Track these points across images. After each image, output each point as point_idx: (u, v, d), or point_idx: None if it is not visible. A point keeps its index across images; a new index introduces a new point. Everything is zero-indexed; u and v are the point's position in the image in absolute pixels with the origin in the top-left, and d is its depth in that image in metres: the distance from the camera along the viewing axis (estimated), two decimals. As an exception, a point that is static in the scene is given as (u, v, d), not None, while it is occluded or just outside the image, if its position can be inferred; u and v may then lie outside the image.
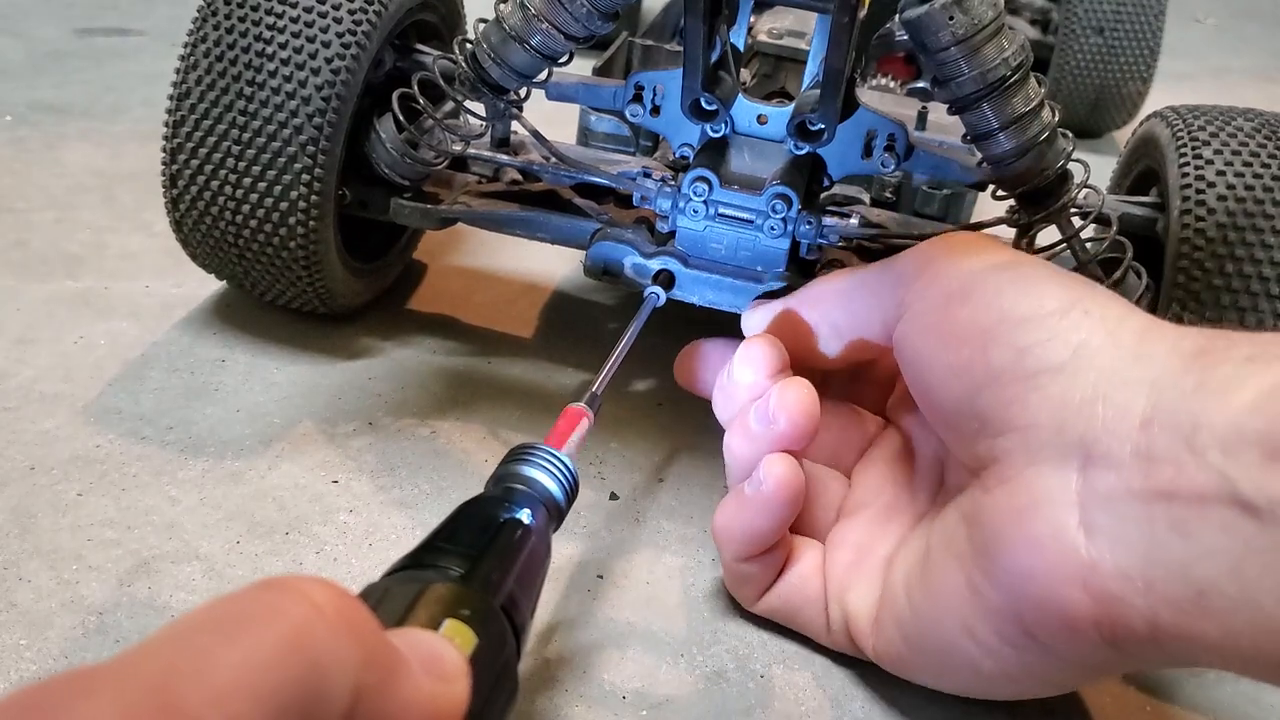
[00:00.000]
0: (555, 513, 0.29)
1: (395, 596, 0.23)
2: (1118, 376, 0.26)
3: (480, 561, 0.25)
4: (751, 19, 0.61)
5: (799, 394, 0.34)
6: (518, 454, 0.30)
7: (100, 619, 0.33)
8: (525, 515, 0.28)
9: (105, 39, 0.89)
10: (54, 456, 0.40)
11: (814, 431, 0.34)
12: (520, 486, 0.29)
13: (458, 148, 0.45)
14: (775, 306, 0.37)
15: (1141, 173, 0.48)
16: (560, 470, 0.30)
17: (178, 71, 0.43)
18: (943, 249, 0.32)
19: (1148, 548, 0.24)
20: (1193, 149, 0.42)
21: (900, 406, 0.38)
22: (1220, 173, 0.41)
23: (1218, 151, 0.41)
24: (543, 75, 0.41)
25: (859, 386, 0.39)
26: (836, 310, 0.35)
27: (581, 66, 0.46)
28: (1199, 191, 0.40)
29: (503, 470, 0.30)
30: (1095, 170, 0.40)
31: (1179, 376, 0.25)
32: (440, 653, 0.21)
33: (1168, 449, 0.24)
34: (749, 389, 0.35)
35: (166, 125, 0.44)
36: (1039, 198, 0.38)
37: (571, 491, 0.30)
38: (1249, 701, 0.36)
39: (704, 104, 0.38)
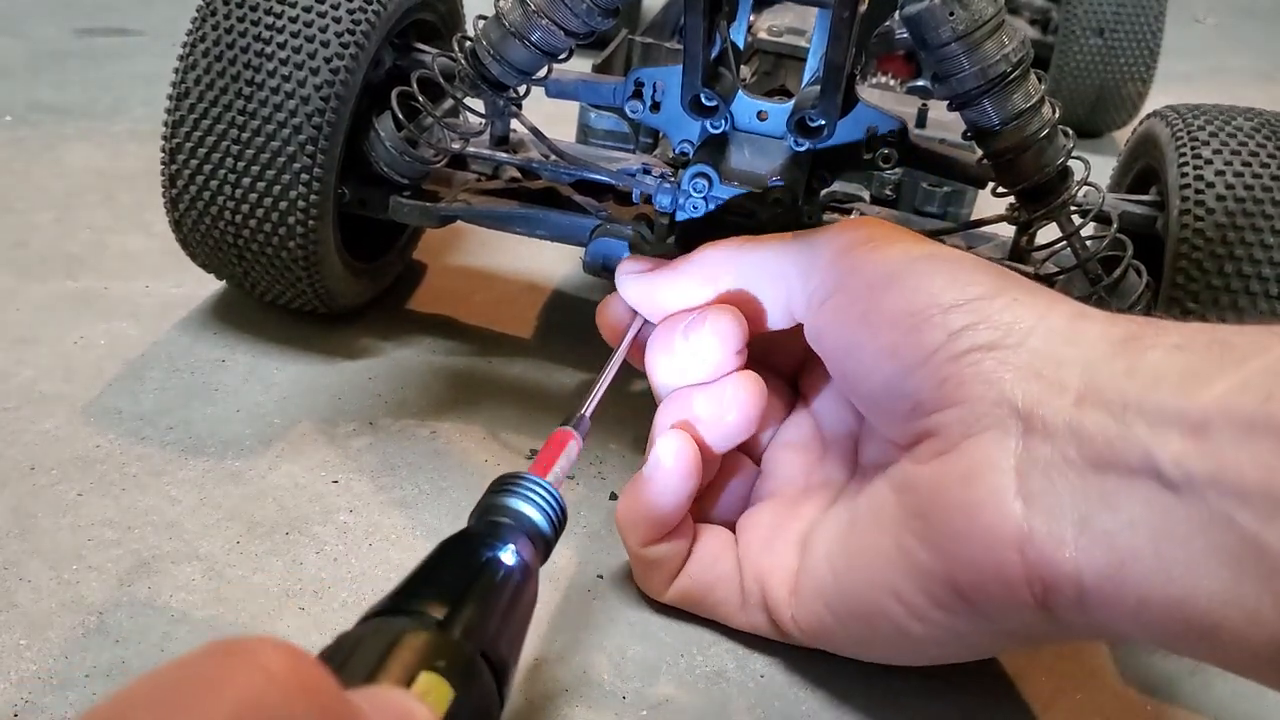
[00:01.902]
0: (542, 546, 0.28)
1: (367, 648, 0.22)
2: (1051, 356, 0.27)
3: (460, 605, 0.24)
4: (752, 17, 0.61)
5: (754, 390, 0.34)
6: (501, 484, 0.29)
7: (100, 619, 0.33)
8: (509, 553, 0.27)
9: (105, 39, 0.89)
10: (54, 456, 0.40)
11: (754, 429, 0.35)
12: (504, 520, 0.28)
13: (457, 146, 0.45)
14: (665, 276, 0.36)
15: (1141, 171, 0.48)
16: (546, 501, 0.29)
17: (176, 71, 0.43)
18: (862, 237, 0.32)
19: (1079, 516, 0.26)
20: (1192, 148, 0.42)
21: (808, 388, 0.38)
22: (1219, 172, 0.41)
23: (1217, 151, 0.41)
24: (542, 72, 0.41)
25: (756, 367, 0.38)
26: (733, 285, 0.35)
27: (582, 65, 0.46)
28: (1198, 191, 0.40)
29: (485, 502, 0.29)
30: (1095, 169, 0.40)
31: (1110, 360, 0.27)
32: (409, 714, 0.20)
33: (1099, 425, 0.26)
34: (710, 365, 0.35)
35: (165, 125, 0.44)
36: (1039, 195, 0.38)
37: (559, 522, 0.29)
38: (1247, 700, 0.36)
39: (704, 100, 0.38)
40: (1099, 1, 0.88)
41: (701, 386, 0.35)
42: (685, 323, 0.35)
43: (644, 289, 0.37)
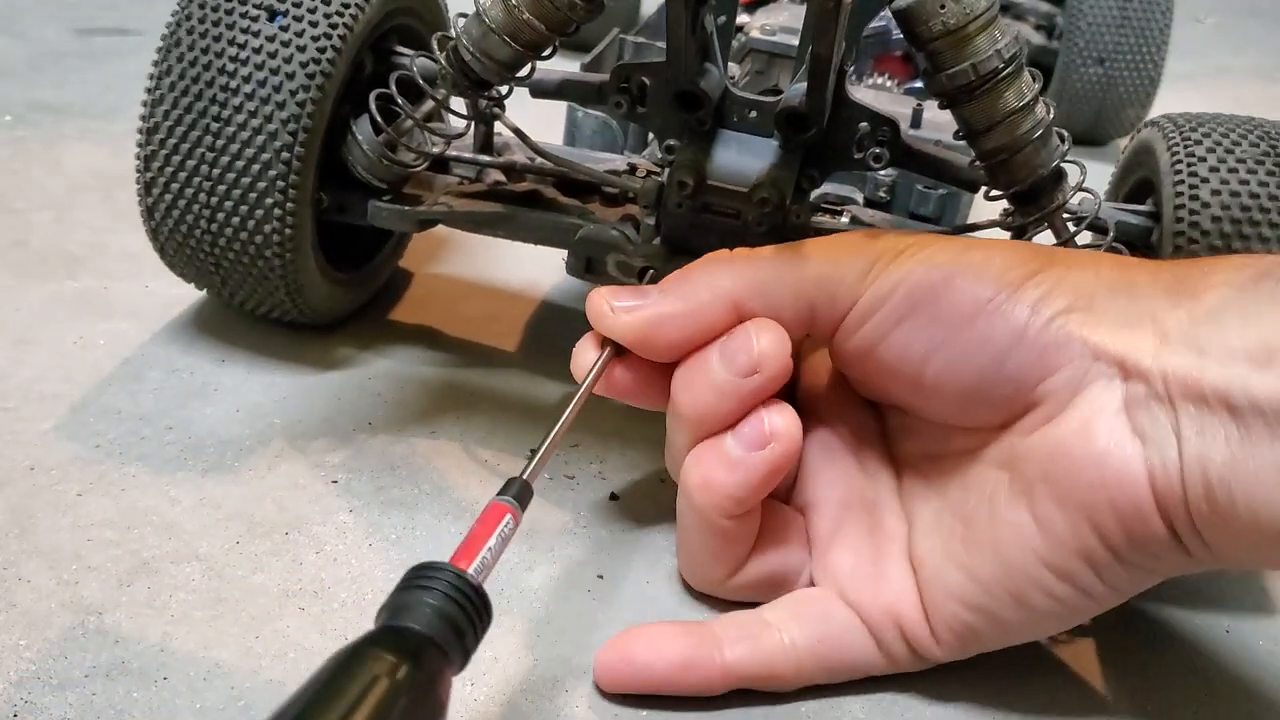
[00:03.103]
0: (455, 652, 0.24)
1: None
2: (1120, 310, 0.30)
3: None
4: (745, 16, 0.61)
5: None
6: (410, 578, 0.25)
7: (100, 619, 0.34)
8: (402, 670, 0.22)
9: (104, 39, 0.89)
10: (53, 456, 0.40)
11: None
12: (406, 624, 0.24)
13: (437, 149, 0.45)
14: (671, 303, 0.33)
15: (1138, 181, 0.48)
16: (460, 598, 0.25)
17: (151, 78, 0.43)
18: (886, 249, 0.32)
19: (1183, 447, 0.28)
20: (1188, 165, 0.41)
21: (812, 402, 0.37)
22: (1215, 192, 0.40)
23: (1213, 169, 0.41)
24: (526, 70, 0.40)
25: None
26: (753, 304, 0.32)
27: (570, 66, 0.46)
28: (1193, 213, 0.40)
29: (391, 600, 0.25)
30: (1093, 177, 0.40)
31: (1172, 308, 0.29)
32: None
33: (1181, 365, 0.28)
34: (762, 389, 0.32)
35: (140, 132, 0.43)
36: (1033, 197, 0.38)
37: (477, 622, 0.25)
38: (1249, 700, 0.36)
39: (689, 96, 0.38)
40: (1101, 31, 0.88)
41: (737, 425, 0.33)
42: (723, 345, 0.32)
43: (644, 323, 0.33)
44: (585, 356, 0.35)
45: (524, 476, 0.30)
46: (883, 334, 0.32)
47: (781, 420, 0.32)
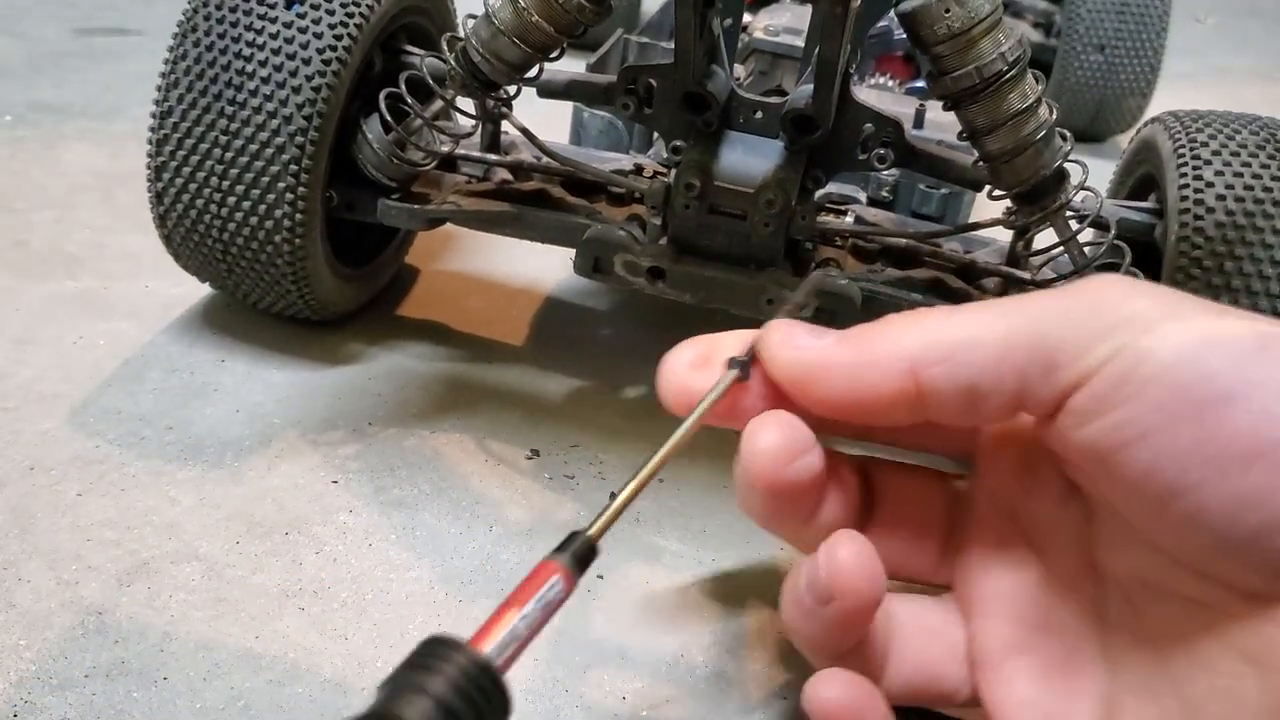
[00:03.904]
0: None
1: None
2: None
3: None
4: (749, 17, 0.61)
5: (853, 552, 0.26)
6: (420, 653, 0.21)
7: (100, 619, 0.33)
8: None
9: (104, 39, 0.89)
10: (53, 456, 0.40)
11: (879, 598, 0.26)
12: (397, 713, 0.20)
13: (446, 148, 0.45)
14: (847, 355, 0.26)
15: (1141, 177, 0.48)
16: (471, 689, 0.21)
17: (159, 89, 0.43)
18: (1138, 315, 0.23)
19: None
20: (1193, 167, 0.41)
21: (1002, 470, 0.28)
22: (1220, 196, 0.40)
23: (1219, 173, 0.40)
24: (534, 71, 0.41)
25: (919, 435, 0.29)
26: (941, 377, 0.25)
27: (576, 66, 0.46)
28: (1197, 217, 0.40)
29: (392, 676, 0.21)
30: (1096, 174, 0.40)
31: None
32: None
33: None
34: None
35: (150, 142, 0.44)
36: (1035, 197, 0.38)
37: (486, 715, 0.21)
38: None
39: (696, 98, 0.38)
40: (1100, 18, 0.89)
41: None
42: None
43: (808, 365, 0.26)
44: (692, 377, 0.28)
45: (588, 533, 0.24)
46: (1122, 440, 0.23)
47: (846, 566, 0.26)
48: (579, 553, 0.23)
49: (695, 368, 0.28)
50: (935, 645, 0.28)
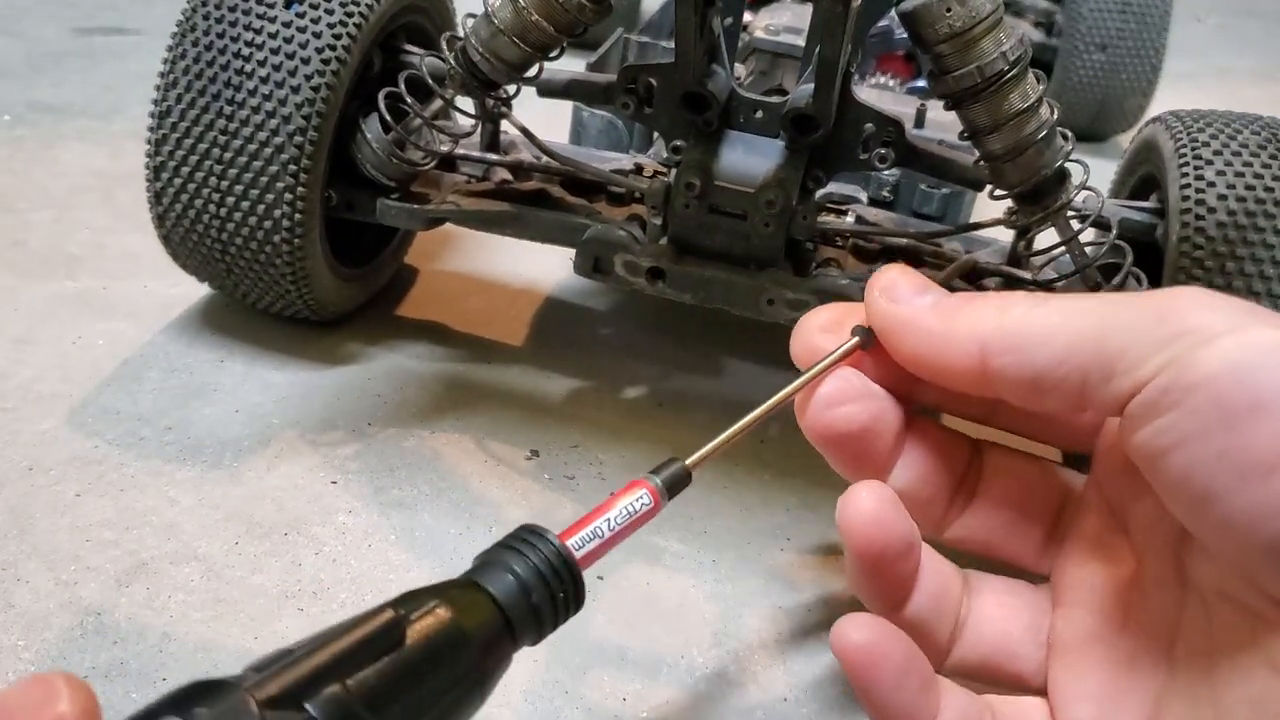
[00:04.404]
0: (523, 625, 0.22)
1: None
2: None
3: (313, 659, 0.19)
4: (749, 16, 0.61)
5: (862, 499, 0.27)
6: (512, 536, 0.24)
7: (99, 619, 0.33)
8: (451, 626, 0.21)
9: (104, 38, 0.89)
10: (52, 457, 0.40)
11: (894, 547, 0.27)
12: (482, 582, 0.22)
13: (445, 147, 0.45)
14: (934, 321, 0.27)
15: (1143, 177, 0.48)
16: (549, 573, 0.23)
17: (157, 89, 0.43)
18: (1198, 328, 0.23)
19: None
20: (1195, 169, 0.41)
21: (1114, 481, 0.29)
22: (1222, 197, 0.40)
23: (1220, 172, 0.40)
24: (533, 70, 0.40)
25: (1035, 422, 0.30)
26: (1005, 363, 0.26)
27: (576, 65, 0.46)
28: (1199, 218, 0.40)
29: (484, 554, 0.23)
30: (1095, 173, 0.40)
31: None
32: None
33: None
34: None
35: (149, 143, 0.44)
36: (1037, 197, 0.38)
37: (559, 599, 0.23)
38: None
39: (697, 98, 0.38)
40: (1102, 17, 0.89)
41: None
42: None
43: (900, 319, 0.28)
44: (820, 338, 0.29)
45: (687, 462, 0.26)
46: (1162, 446, 0.24)
47: (852, 513, 0.27)
48: (672, 477, 0.25)
49: (825, 330, 0.29)
50: (1016, 625, 0.29)
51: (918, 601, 0.28)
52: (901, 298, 0.28)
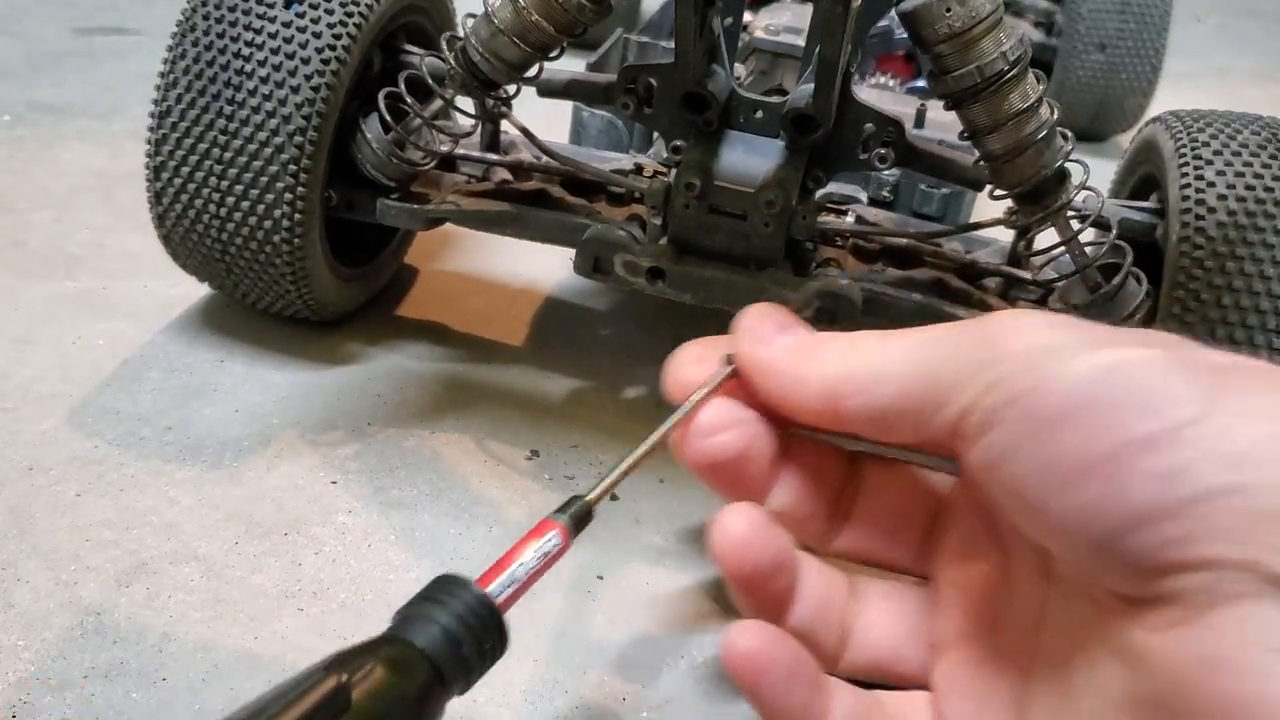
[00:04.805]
0: (453, 674, 0.23)
1: None
2: None
3: None
4: (749, 16, 0.61)
5: (731, 523, 0.28)
6: (430, 588, 0.24)
7: (99, 619, 0.33)
8: (387, 681, 0.22)
9: (104, 38, 0.89)
10: (52, 457, 0.40)
11: (763, 568, 0.28)
12: (406, 636, 0.23)
13: (445, 147, 0.45)
14: (791, 365, 0.29)
15: (1143, 177, 0.48)
16: (472, 620, 0.23)
17: (158, 89, 0.43)
18: (1010, 344, 0.25)
19: None
20: (1195, 167, 0.41)
21: (977, 487, 0.29)
22: (1222, 197, 0.40)
23: (1220, 172, 0.40)
24: (533, 70, 0.40)
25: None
26: (856, 406, 0.28)
27: (576, 65, 0.46)
28: (1199, 218, 0.39)
29: (404, 609, 0.23)
30: (1096, 174, 0.40)
31: None
32: None
33: None
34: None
35: (149, 142, 0.44)
36: (1037, 197, 0.38)
37: (485, 647, 0.23)
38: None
39: (697, 98, 0.38)
40: (1102, 16, 0.89)
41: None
42: None
43: (758, 362, 0.29)
44: (692, 370, 0.30)
45: (587, 498, 0.26)
46: (992, 460, 0.25)
47: (721, 535, 0.28)
48: (577, 514, 0.26)
49: (696, 362, 0.30)
50: (902, 627, 0.30)
51: (799, 613, 0.30)
52: (762, 339, 0.29)
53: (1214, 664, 0.22)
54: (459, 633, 0.23)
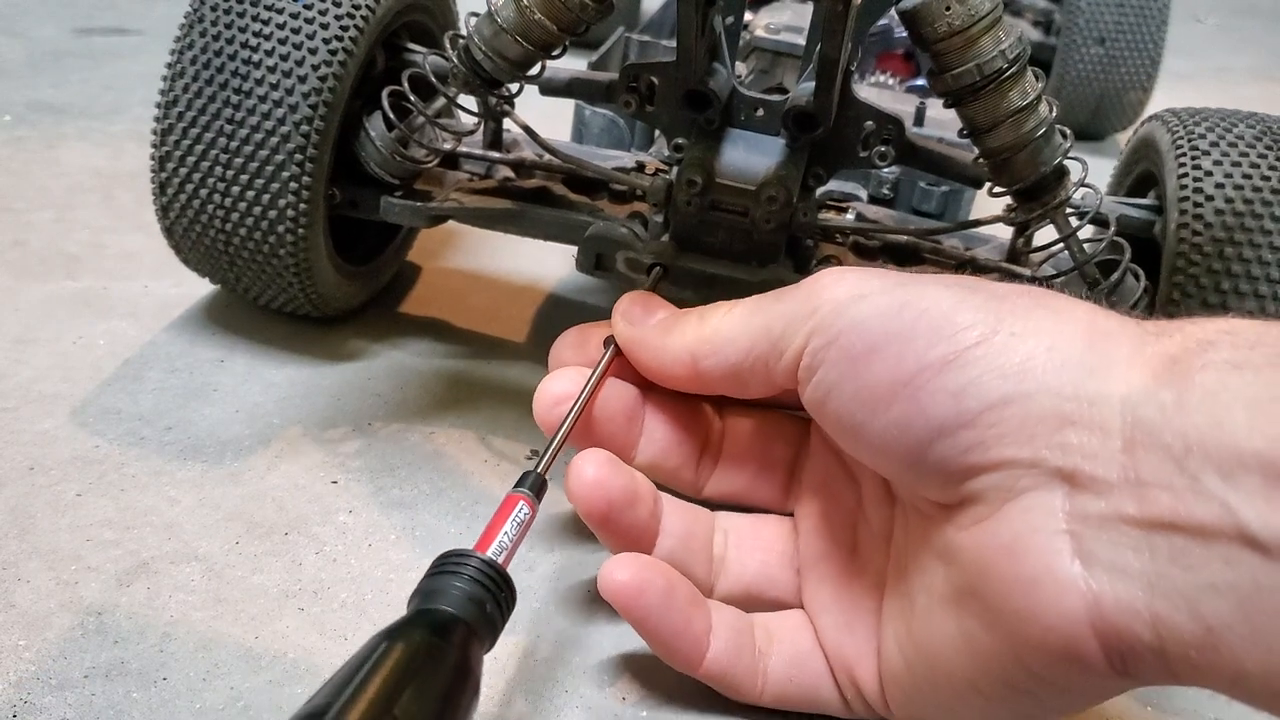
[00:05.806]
0: (484, 630, 0.26)
1: None
2: (1079, 394, 0.24)
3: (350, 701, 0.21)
4: (750, 15, 0.61)
5: (581, 468, 0.32)
6: (437, 565, 0.27)
7: (99, 619, 0.33)
8: (438, 649, 0.24)
9: (104, 38, 0.89)
10: (53, 457, 0.40)
11: (614, 512, 0.32)
12: (438, 607, 0.25)
13: (449, 145, 0.45)
14: (655, 336, 0.33)
15: (1141, 175, 0.48)
16: (486, 581, 0.26)
17: (164, 79, 0.43)
18: (826, 295, 0.29)
19: (1151, 579, 0.22)
20: (1192, 159, 0.41)
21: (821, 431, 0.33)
22: (1219, 185, 0.40)
23: (1217, 162, 0.41)
24: (536, 69, 0.41)
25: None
26: (712, 365, 0.32)
27: (578, 64, 0.46)
28: (1197, 205, 0.40)
29: (421, 586, 0.26)
30: (1096, 171, 0.40)
31: (1154, 390, 0.23)
32: None
33: (1158, 473, 0.22)
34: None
35: (154, 134, 0.44)
36: (1036, 194, 0.38)
37: (502, 602, 0.27)
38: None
39: (698, 96, 0.38)
40: (1101, 10, 0.89)
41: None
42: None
43: (629, 339, 0.34)
44: (571, 356, 0.35)
45: (538, 470, 0.30)
46: (820, 396, 0.29)
47: (574, 480, 0.32)
48: (534, 485, 0.30)
49: (574, 348, 0.35)
50: (771, 554, 0.34)
51: (665, 544, 0.33)
52: (635, 320, 0.34)
53: (1010, 549, 0.24)
54: (479, 595, 0.26)
